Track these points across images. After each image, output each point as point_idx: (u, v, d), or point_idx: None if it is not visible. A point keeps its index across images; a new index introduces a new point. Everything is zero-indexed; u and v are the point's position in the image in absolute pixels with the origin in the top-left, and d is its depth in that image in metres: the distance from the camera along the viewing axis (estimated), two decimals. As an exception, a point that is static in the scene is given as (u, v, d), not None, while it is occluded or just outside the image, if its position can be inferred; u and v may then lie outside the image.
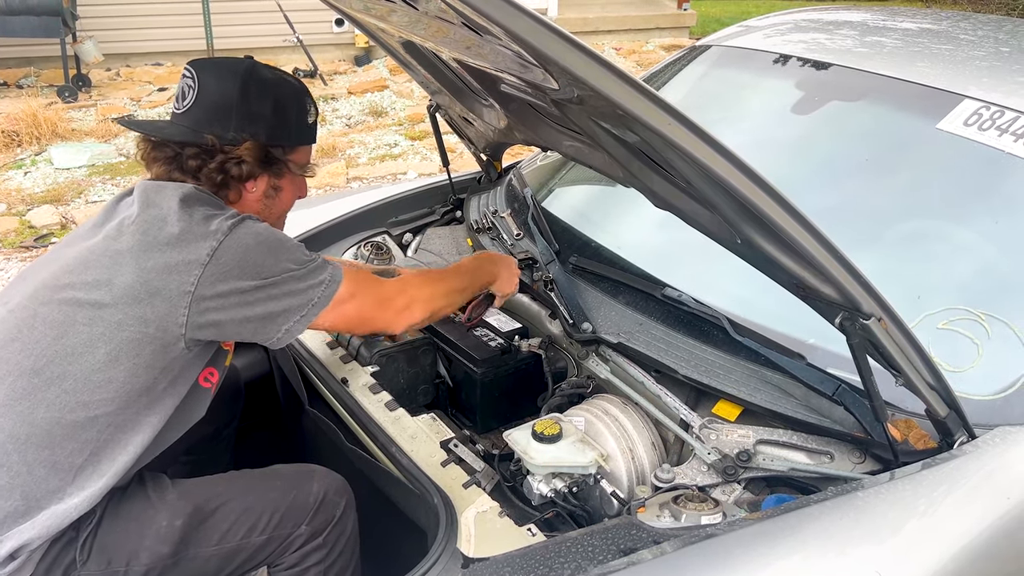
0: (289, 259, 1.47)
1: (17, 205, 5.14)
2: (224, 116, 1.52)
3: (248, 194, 1.59)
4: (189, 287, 1.38)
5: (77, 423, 1.39)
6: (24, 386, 1.38)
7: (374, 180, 5.75)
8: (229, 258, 1.40)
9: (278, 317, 1.45)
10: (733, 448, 1.52)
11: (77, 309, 1.40)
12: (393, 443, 1.67)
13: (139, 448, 1.44)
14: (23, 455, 1.37)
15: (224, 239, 1.41)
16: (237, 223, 1.44)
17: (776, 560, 1.21)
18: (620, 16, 10.12)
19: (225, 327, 1.43)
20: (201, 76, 1.54)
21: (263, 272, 1.43)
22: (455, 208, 2.60)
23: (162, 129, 1.56)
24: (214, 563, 1.51)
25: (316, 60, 8.09)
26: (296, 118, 1.61)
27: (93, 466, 1.40)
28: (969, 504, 1.32)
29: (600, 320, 1.80)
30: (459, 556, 1.34)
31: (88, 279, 1.41)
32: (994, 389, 1.49)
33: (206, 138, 1.50)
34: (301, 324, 1.47)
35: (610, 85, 1.02)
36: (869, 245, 1.77)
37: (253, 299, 1.42)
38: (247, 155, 1.53)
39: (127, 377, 1.40)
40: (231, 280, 1.40)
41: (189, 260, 1.39)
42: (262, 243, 1.45)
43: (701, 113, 1.88)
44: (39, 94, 7.20)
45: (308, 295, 1.47)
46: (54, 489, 1.38)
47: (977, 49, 2.19)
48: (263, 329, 1.46)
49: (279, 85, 1.59)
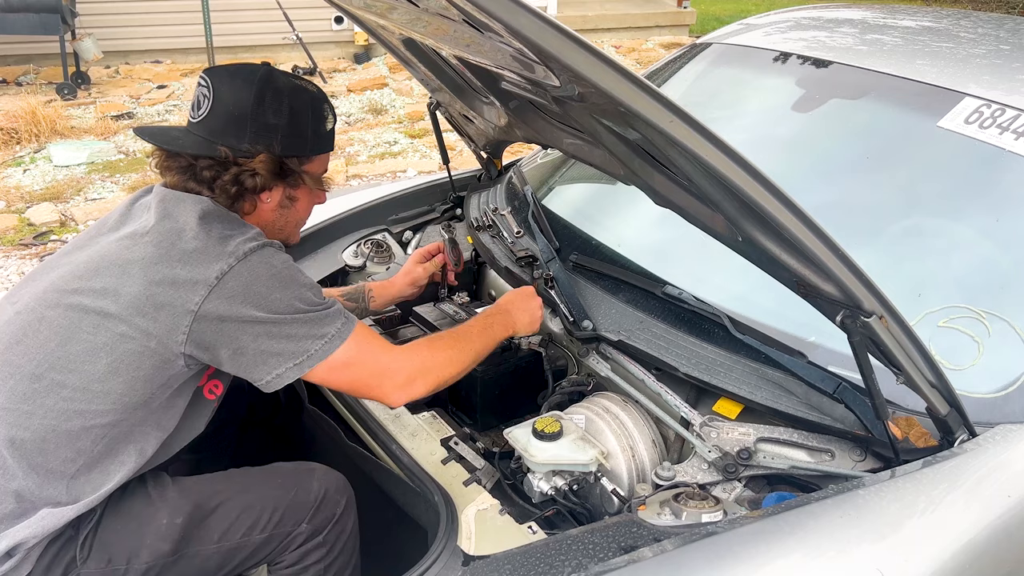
0: (299, 298, 1.43)
1: (16, 203, 5.14)
2: (239, 127, 1.49)
3: (263, 205, 1.56)
4: (193, 306, 1.36)
5: (72, 432, 1.38)
6: (24, 390, 1.38)
7: (374, 178, 5.75)
8: (237, 283, 1.38)
9: (270, 358, 1.41)
10: (734, 446, 1.52)
11: (83, 316, 1.39)
12: (393, 441, 1.67)
13: (137, 463, 1.43)
14: (18, 459, 1.37)
15: (237, 264, 1.39)
16: (254, 249, 1.41)
17: (777, 558, 1.21)
18: (620, 14, 10.11)
19: (218, 352, 1.40)
20: (216, 85, 1.51)
21: (268, 306, 1.39)
22: (455, 206, 2.60)
23: (176, 140, 1.53)
24: (215, 561, 1.50)
25: (316, 58, 8.08)
26: (312, 127, 1.58)
27: (86, 476, 1.40)
28: (970, 502, 1.32)
29: (600, 318, 1.79)
30: (460, 554, 1.34)
31: (96, 286, 1.39)
32: (995, 387, 1.49)
33: (219, 150, 1.48)
34: (292, 372, 1.42)
35: (612, 82, 1.02)
36: (870, 243, 1.77)
37: (252, 332, 1.39)
38: (261, 168, 1.51)
39: (125, 389, 1.39)
40: (235, 305, 1.37)
41: (197, 279, 1.37)
42: (275, 275, 1.41)
43: (701, 111, 1.88)
44: (38, 91, 7.19)
45: (305, 345, 1.42)
46: (48, 495, 1.38)
47: (978, 47, 2.19)
48: (253, 367, 1.42)
49: (295, 93, 1.55)
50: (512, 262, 2.04)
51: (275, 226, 1.61)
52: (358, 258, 2.36)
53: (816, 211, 1.13)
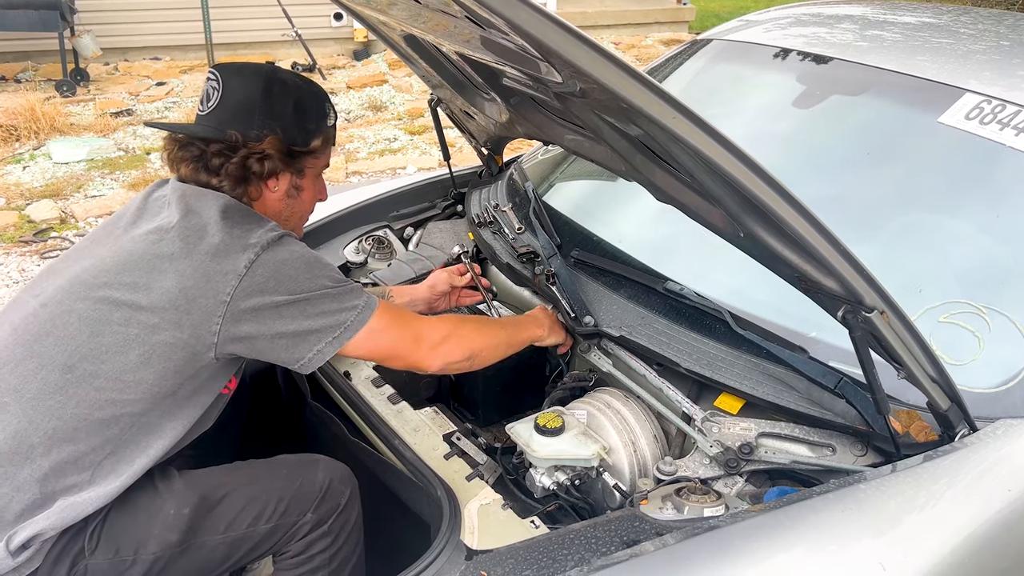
0: (325, 277, 1.49)
1: (16, 200, 5.14)
2: (248, 115, 1.55)
3: (270, 192, 1.61)
4: (225, 296, 1.41)
5: (103, 420, 1.42)
6: (56, 381, 1.41)
7: (373, 175, 5.75)
8: (265, 271, 1.44)
9: (310, 336, 1.46)
10: (735, 441, 1.53)
11: (113, 308, 1.42)
12: (396, 436, 1.67)
13: (158, 452, 1.47)
14: (47, 449, 1.39)
15: (263, 252, 1.44)
16: (276, 239, 1.47)
17: (778, 552, 1.22)
18: (619, 10, 10.10)
19: (257, 341, 1.45)
20: (225, 78, 1.57)
21: (298, 288, 1.45)
22: (456, 202, 2.60)
23: (187, 127, 1.60)
24: (221, 551, 1.51)
25: (315, 54, 8.07)
26: (316, 119, 1.64)
27: (112, 465, 1.43)
28: (971, 496, 1.33)
29: (602, 314, 1.80)
30: (463, 548, 1.35)
31: (126, 280, 1.43)
32: (995, 382, 1.49)
33: (229, 134, 1.53)
34: (332, 347, 1.48)
35: (614, 78, 1.02)
36: (871, 239, 1.77)
37: (287, 314, 1.45)
38: (270, 148, 1.56)
39: (156, 379, 1.43)
40: (266, 294, 1.43)
41: (227, 270, 1.42)
42: (299, 259, 1.48)
43: (702, 107, 1.87)
44: (37, 88, 7.18)
45: (341, 317, 1.48)
46: (72, 484, 1.40)
47: (978, 43, 2.19)
48: (293, 348, 1.47)
49: (300, 87, 1.62)
50: (513, 258, 2.04)
51: (281, 216, 1.65)
52: (359, 254, 2.36)
53: (817, 207, 1.14)
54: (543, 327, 1.81)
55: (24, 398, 1.41)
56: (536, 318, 1.83)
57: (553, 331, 1.84)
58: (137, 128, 6.50)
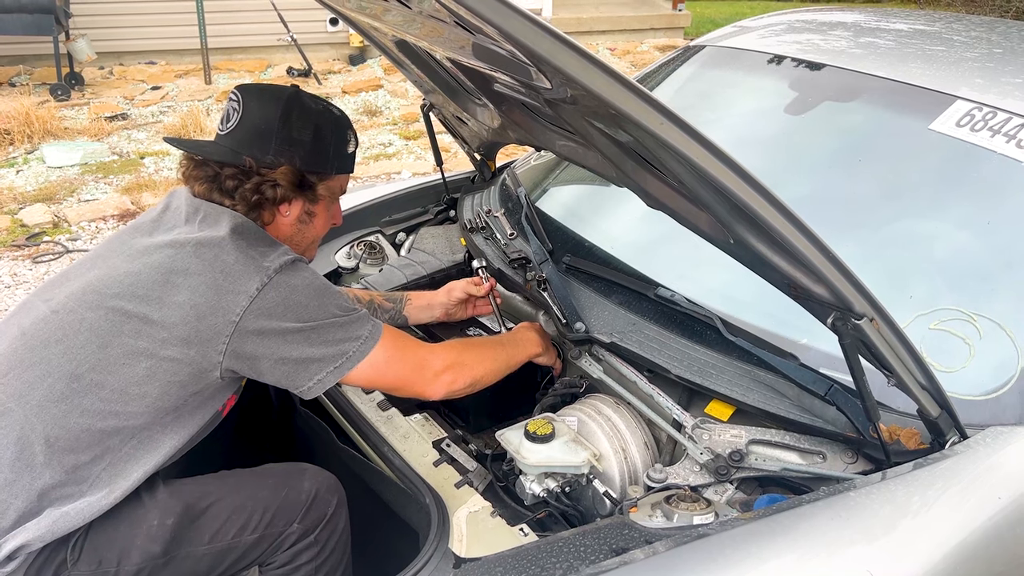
0: (334, 305, 1.50)
1: (9, 203, 5.12)
2: (264, 139, 1.55)
3: (282, 217, 1.61)
4: (235, 316, 1.42)
5: (105, 432, 1.41)
6: (62, 389, 1.41)
7: (368, 179, 5.74)
8: (276, 295, 1.44)
9: (312, 364, 1.47)
10: (725, 448, 1.52)
11: (125, 320, 1.43)
12: (385, 443, 1.67)
13: (153, 466, 1.47)
14: (48, 457, 1.39)
15: (275, 276, 1.45)
16: (289, 263, 1.48)
17: (768, 560, 1.21)
18: (614, 16, 10.12)
19: (260, 362, 1.46)
20: (246, 99, 1.58)
21: (306, 315, 1.46)
22: (449, 207, 2.60)
23: (203, 148, 1.60)
24: (206, 562, 1.50)
25: (310, 59, 8.08)
26: (335, 147, 1.64)
27: (108, 477, 1.43)
28: (961, 504, 1.33)
29: (593, 320, 1.80)
30: (451, 556, 1.34)
31: (139, 293, 1.44)
32: (985, 389, 1.49)
33: (244, 159, 1.54)
34: (333, 376, 1.49)
35: (602, 84, 1.02)
36: (861, 245, 1.77)
37: (293, 340, 1.45)
38: (282, 179, 1.56)
39: (160, 394, 1.43)
40: (275, 318, 1.44)
41: (239, 290, 1.42)
42: (309, 286, 1.49)
43: (694, 113, 1.88)
44: (31, 92, 7.17)
45: (343, 347, 1.49)
46: (67, 494, 1.40)
47: (970, 50, 2.20)
48: (295, 374, 1.48)
49: (321, 114, 1.62)
50: (505, 264, 2.04)
51: (292, 241, 1.65)
52: (351, 260, 2.36)
53: (808, 213, 1.14)
54: (539, 346, 1.82)
55: (28, 404, 1.40)
56: (531, 338, 1.83)
57: (548, 350, 1.85)
58: (131, 132, 6.50)
